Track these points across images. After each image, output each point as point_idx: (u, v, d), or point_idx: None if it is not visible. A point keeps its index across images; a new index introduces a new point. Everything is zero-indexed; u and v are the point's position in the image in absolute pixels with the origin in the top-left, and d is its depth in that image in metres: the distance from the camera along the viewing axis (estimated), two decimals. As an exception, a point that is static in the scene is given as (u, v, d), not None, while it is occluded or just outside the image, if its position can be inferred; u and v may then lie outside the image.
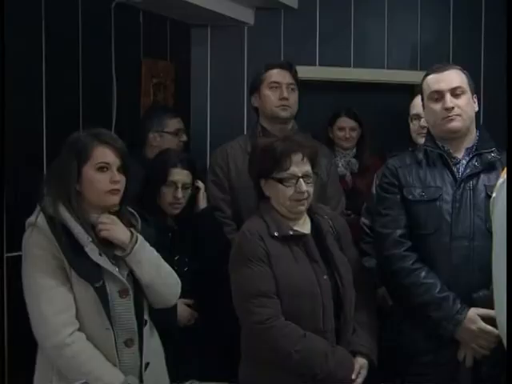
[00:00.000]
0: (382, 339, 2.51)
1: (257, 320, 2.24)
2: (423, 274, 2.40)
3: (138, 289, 2.19)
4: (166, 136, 3.26)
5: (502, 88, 4.35)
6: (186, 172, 2.77)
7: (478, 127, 2.59)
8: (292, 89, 3.03)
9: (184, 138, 3.35)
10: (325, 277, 2.32)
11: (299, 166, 2.34)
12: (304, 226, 2.40)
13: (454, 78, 2.50)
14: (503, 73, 4.32)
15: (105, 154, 2.14)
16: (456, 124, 2.46)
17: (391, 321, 2.63)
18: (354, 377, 2.31)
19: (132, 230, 2.21)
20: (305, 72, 3.70)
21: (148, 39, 3.70)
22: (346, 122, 3.90)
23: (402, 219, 2.48)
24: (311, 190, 2.37)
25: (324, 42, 4.33)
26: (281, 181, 2.32)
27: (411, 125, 3.17)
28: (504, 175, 1.86)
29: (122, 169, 2.18)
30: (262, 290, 2.25)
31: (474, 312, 2.35)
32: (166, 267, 2.28)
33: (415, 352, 2.46)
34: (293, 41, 4.29)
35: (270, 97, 3.01)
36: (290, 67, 3.08)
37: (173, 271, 2.31)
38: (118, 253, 2.15)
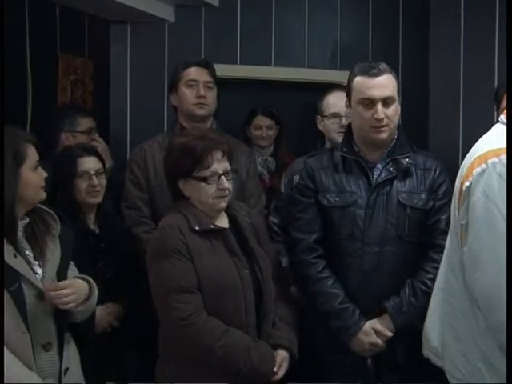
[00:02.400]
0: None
1: (179, 316, 2.21)
2: (329, 283, 2.46)
3: None
4: (78, 136, 3.20)
5: (418, 88, 4.52)
6: (93, 159, 2.76)
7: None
8: (209, 87, 3.00)
9: (96, 136, 3.30)
10: (246, 271, 2.31)
11: (220, 163, 2.33)
12: (222, 221, 2.39)
13: (387, 85, 2.45)
14: (419, 73, 4.49)
15: (36, 153, 2.12)
16: (383, 135, 2.46)
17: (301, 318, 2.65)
18: (276, 370, 2.31)
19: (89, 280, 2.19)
20: (225, 70, 3.70)
21: (65, 34, 3.61)
22: (262, 120, 3.91)
23: (316, 223, 2.51)
24: (231, 186, 2.37)
25: (245, 41, 4.34)
26: (203, 179, 2.30)
27: (328, 123, 3.10)
28: (483, 164, 1.84)
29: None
30: (184, 285, 2.22)
31: (369, 325, 2.43)
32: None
33: (323, 351, 2.53)
34: (214, 39, 4.28)
35: (187, 95, 2.98)
36: (207, 65, 3.05)
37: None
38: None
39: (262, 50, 4.38)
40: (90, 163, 2.74)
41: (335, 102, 3.04)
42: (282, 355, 2.35)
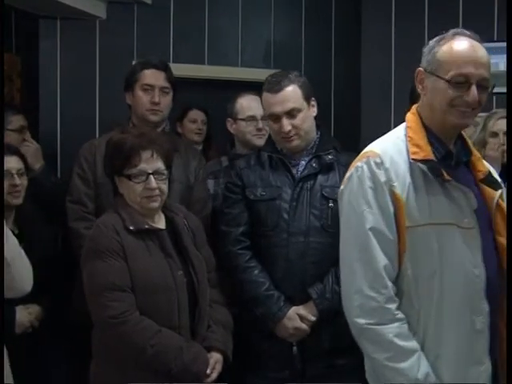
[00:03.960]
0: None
1: (111, 314, 2.18)
2: (255, 272, 2.55)
3: None
4: (9, 133, 3.11)
5: (350, 83, 4.60)
6: (15, 158, 2.72)
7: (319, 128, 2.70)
8: (165, 92, 2.97)
9: (28, 136, 3.21)
10: (179, 272, 2.30)
11: (149, 162, 2.30)
12: (159, 222, 2.38)
13: (289, 98, 2.55)
14: (352, 69, 4.57)
15: None
16: (294, 144, 2.59)
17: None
18: (209, 372, 2.30)
19: None
20: (158, 68, 3.64)
21: (-10, 29, 3.49)
22: (197, 114, 3.93)
23: (243, 217, 2.61)
24: (164, 186, 2.34)
25: (178, 39, 4.31)
26: (130, 177, 2.28)
27: (244, 125, 3.11)
28: (352, 169, 1.93)
29: None
30: (117, 283, 2.20)
31: (293, 311, 2.51)
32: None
33: (254, 340, 2.59)
34: (146, 37, 4.24)
35: (142, 99, 2.94)
36: (165, 68, 3.01)
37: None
38: None
39: (195, 48, 4.38)
40: (11, 163, 2.69)
41: (250, 105, 3.10)
42: (215, 357, 2.35)
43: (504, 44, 4.39)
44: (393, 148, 1.91)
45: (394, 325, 1.82)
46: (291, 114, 2.55)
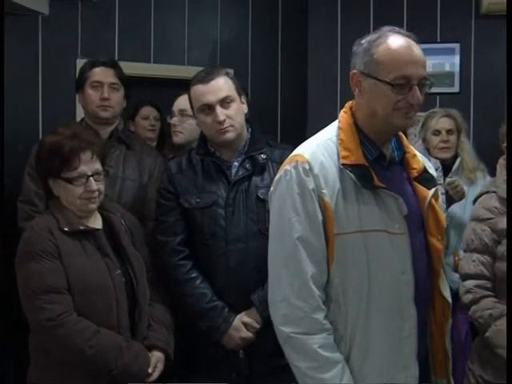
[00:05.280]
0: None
1: (47, 317, 2.15)
2: (196, 283, 2.47)
3: None
4: None
5: (297, 82, 4.62)
6: None
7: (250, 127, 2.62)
8: (115, 88, 2.96)
9: None
10: (117, 272, 2.28)
11: (89, 164, 2.28)
12: (95, 222, 2.36)
13: (221, 87, 2.48)
14: (299, 68, 4.59)
15: None
16: (229, 135, 2.49)
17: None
18: (150, 371, 2.29)
19: None
20: (103, 66, 3.60)
21: None
22: (149, 110, 3.91)
23: (179, 226, 2.52)
24: (102, 187, 2.34)
25: (123, 37, 4.27)
26: (70, 181, 2.25)
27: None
28: (281, 171, 1.90)
29: None
30: (53, 285, 2.17)
31: (238, 320, 2.46)
32: None
33: (200, 346, 2.53)
34: (91, 34, 4.18)
35: (92, 96, 2.93)
36: (114, 65, 3.01)
37: None
38: None
39: (141, 46, 4.34)
40: None
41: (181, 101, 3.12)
42: (156, 356, 2.34)
43: (448, 45, 4.56)
44: (323, 151, 1.87)
45: (321, 335, 1.81)
46: (224, 102, 2.46)
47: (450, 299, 1.97)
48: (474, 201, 2.69)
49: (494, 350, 2.46)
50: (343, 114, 1.95)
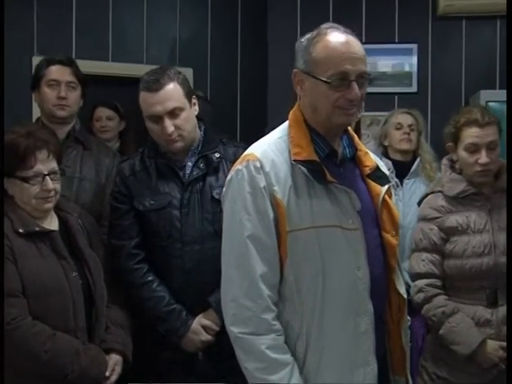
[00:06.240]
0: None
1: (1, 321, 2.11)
2: (153, 287, 2.44)
3: None
4: None
5: (257, 80, 4.62)
6: None
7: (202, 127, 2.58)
8: (72, 87, 2.91)
9: None
10: (74, 274, 2.24)
11: (45, 163, 2.24)
12: (51, 223, 2.32)
13: (169, 97, 2.39)
14: (258, 65, 4.59)
15: None
16: (177, 145, 2.44)
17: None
18: (108, 374, 2.26)
19: None
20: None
21: None
22: (102, 111, 3.87)
23: (134, 229, 2.48)
24: (58, 186, 2.30)
25: (81, 35, 4.22)
26: (25, 179, 2.21)
27: None
28: (232, 172, 1.89)
29: None
30: (7, 288, 2.12)
31: (197, 323, 2.44)
32: None
33: (157, 349, 2.50)
34: (47, 31, 4.12)
35: (48, 95, 2.87)
36: (70, 63, 2.96)
37: None
38: None
39: (99, 44, 4.30)
40: None
41: None
42: (114, 359, 2.31)
43: (406, 45, 4.61)
44: (274, 149, 1.86)
45: (269, 336, 1.79)
46: (173, 113, 2.39)
47: (405, 295, 1.98)
48: (420, 202, 2.74)
49: (449, 347, 2.50)
50: (293, 113, 1.95)
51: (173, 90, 2.40)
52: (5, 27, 3.95)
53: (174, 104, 2.39)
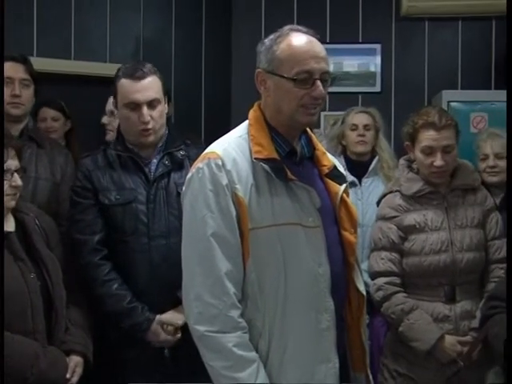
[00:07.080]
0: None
1: None
2: (116, 285, 2.45)
3: None
4: None
5: (221, 80, 4.61)
6: None
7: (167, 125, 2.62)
8: (26, 85, 2.87)
9: None
10: (32, 275, 2.22)
11: (13, 159, 2.23)
12: (8, 225, 2.28)
13: (151, 88, 2.46)
14: (222, 66, 4.59)
15: None
16: (150, 138, 2.49)
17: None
18: (68, 376, 2.24)
19: None
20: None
21: None
22: (46, 112, 3.81)
23: (97, 224, 2.48)
24: (21, 184, 2.28)
25: (42, 32, 4.17)
26: None
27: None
28: (193, 169, 1.89)
29: None
30: None
31: (158, 319, 2.45)
32: None
33: (117, 350, 2.50)
34: (6, 28, 4.03)
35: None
36: (24, 61, 2.91)
37: None
38: None
39: (61, 42, 4.24)
40: None
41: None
42: (75, 360, 2.29)
43: (369, 45, 4.64)
44: (235, 147, 1.87)
45: (235, 334, 1.79)
46: (152, 104, 2.45)
47: (364, 292, 2.00)
48: (378, 202, 2.76)
49: (409, 344, 2.53)
50: (252, 113, 1.96)
51: (154, 82, 2.48)
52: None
53: (155, 95, 2.47)
